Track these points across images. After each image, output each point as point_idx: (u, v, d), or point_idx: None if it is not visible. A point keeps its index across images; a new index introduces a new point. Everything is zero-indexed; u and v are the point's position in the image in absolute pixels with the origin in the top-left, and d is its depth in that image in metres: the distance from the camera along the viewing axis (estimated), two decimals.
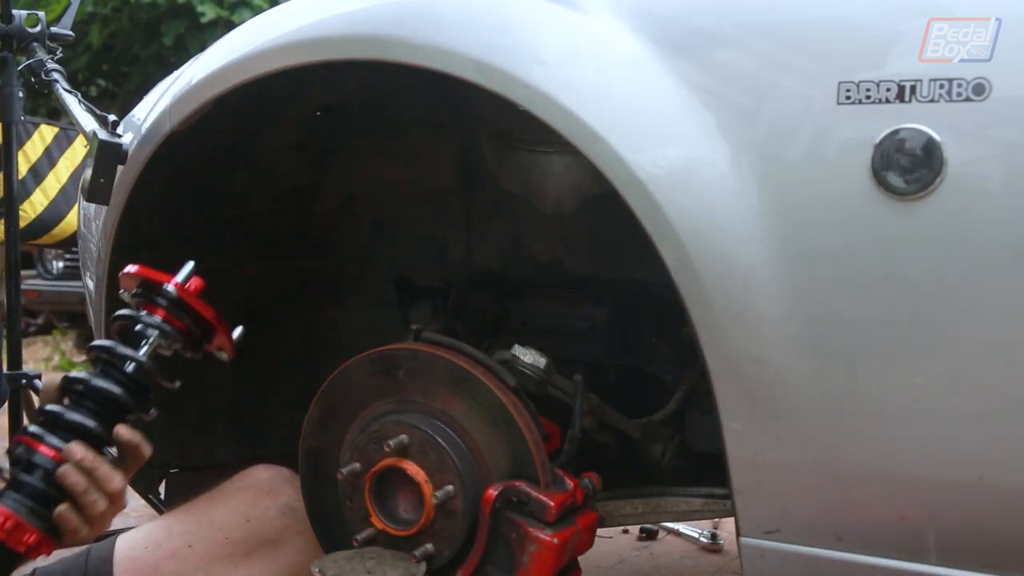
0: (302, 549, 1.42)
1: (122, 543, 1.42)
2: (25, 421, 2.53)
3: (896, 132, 1.05)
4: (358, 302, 1.87)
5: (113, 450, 1.24)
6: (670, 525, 2.61)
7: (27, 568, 1.40)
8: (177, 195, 1.52)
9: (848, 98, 1.07)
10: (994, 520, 1.08)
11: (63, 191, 3.33)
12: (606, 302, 1.60)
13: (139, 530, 1.45)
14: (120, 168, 1.46)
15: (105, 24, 9.05)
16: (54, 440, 1.19)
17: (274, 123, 1.57)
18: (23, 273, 2.93)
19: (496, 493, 1.30)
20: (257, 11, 6.97)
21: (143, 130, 1.47)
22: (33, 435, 1.21)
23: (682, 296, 1.13)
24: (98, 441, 1.21)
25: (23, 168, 3.14)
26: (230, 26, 4.86)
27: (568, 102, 1.15)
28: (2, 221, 2.67)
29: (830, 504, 1.13)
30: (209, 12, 8.25)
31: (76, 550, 1.44)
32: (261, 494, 1.44)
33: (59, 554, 1.47)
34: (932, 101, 1.04)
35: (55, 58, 2.28)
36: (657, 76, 1.15)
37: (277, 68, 1.32)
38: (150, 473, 1.70)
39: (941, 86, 1.03)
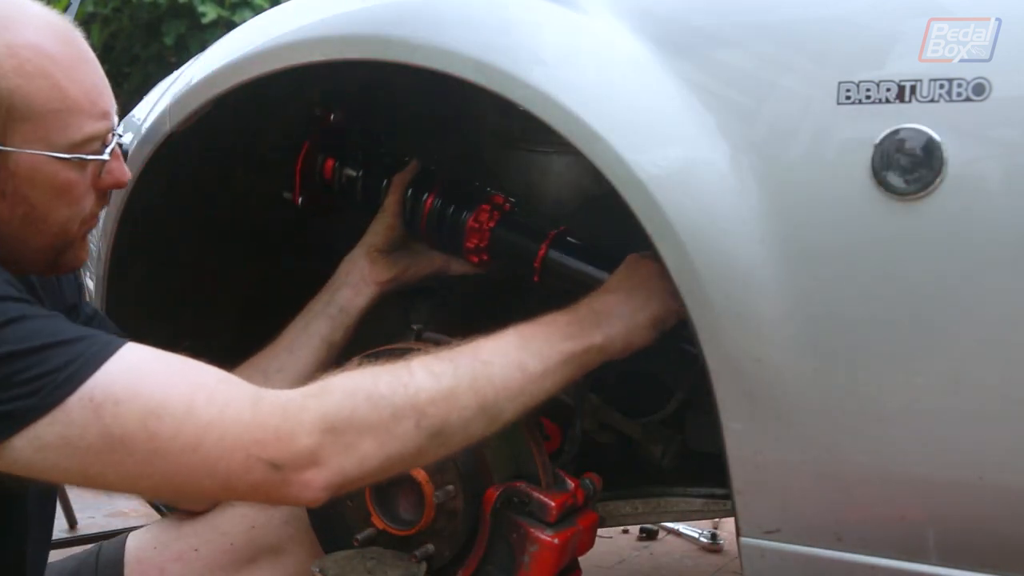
0: (303, 559, 1.42)
1: (131, 543, 1.42)
2: None
3: (896, 132, 1.04)
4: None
5: None
6: (670, 525, 2.61)
7: None
8: (177, 195, 1.52)
9: (848, 98, 1.07)
10: (994, 520, 1.08)
11: None
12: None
13: (148, 529, 1.45)
14: None
15: (105, 24, 9.06)
16: None
17: (274, 123, 1.57)
18: None
19: (497, 493, 1.30)
20: (258, 11, 6.98)
21: (143, 130, 1.47)
22: None
23: (682, 296, 1.13)
24: None
25: None
26: (231, 26, 4.86)
27: (568, 102, 1.15)
28: None
29: (830, 504, 1.13)
30: (210, 12, 8.26)
31: (87, 548, 1.45)
32: None
33: (64, 552, 1.47)
34: (932, 101, 1.04)
35: None
36: (657, 76, 1.15)
37: (277, 68, 1.31)
38: None
39: (941, 86, 1.03)
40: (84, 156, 1.13)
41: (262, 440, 1.01)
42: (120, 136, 1.20)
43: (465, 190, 1.49)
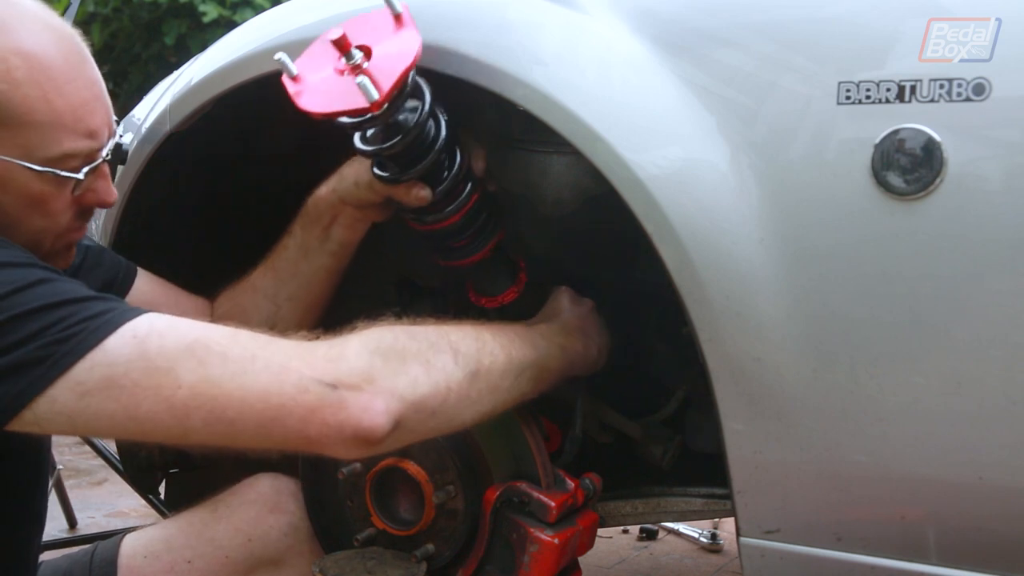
0: (303, 570, 1.41)
1: (125, 547, 1.41)
2: None
3: (896, 132, 1.05)
4: (358, 302, 1.86)
5: None
6: (670, 525, 2.61)
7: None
8: (177, 195, 1.52)
9: (848, 98, 1.07)
10: (994, 520, 1.08)
11: None
12: (606, 302, 1.60)
13: (141, 534, 1.44)
14: (120, 168, 1.46)
15: (106, 24, 9.05)
16: None
17: (274, 123, 1.57)
18: None
19: (497, 493, 1.30)
20: (259, 10, 6.97)
21: (143, 130, 1.47)
22: None
23: (682, 296, 1.13)
24: None
25: None
26: (232, 25, 4.86)
27: (568, 102, 1.15)
28: None
29: (830, 504, 1.13)
30: (211, 12, 8.25)
31: (82, 548, 1.44)
32: (264, 511, 1.41)
33: (64, 553, 1.47)
34: (932, 101, 1.04)
35: None
36: (657, 76, 1.15)
37: (277, 68, 1.31)
38: (150, 473, 1.70)
39: (941, 86, 1.03)
40: (58, 171, 1.12)
41: (312, 363, 1.00)
42: (108, 158, 1.18)
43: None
